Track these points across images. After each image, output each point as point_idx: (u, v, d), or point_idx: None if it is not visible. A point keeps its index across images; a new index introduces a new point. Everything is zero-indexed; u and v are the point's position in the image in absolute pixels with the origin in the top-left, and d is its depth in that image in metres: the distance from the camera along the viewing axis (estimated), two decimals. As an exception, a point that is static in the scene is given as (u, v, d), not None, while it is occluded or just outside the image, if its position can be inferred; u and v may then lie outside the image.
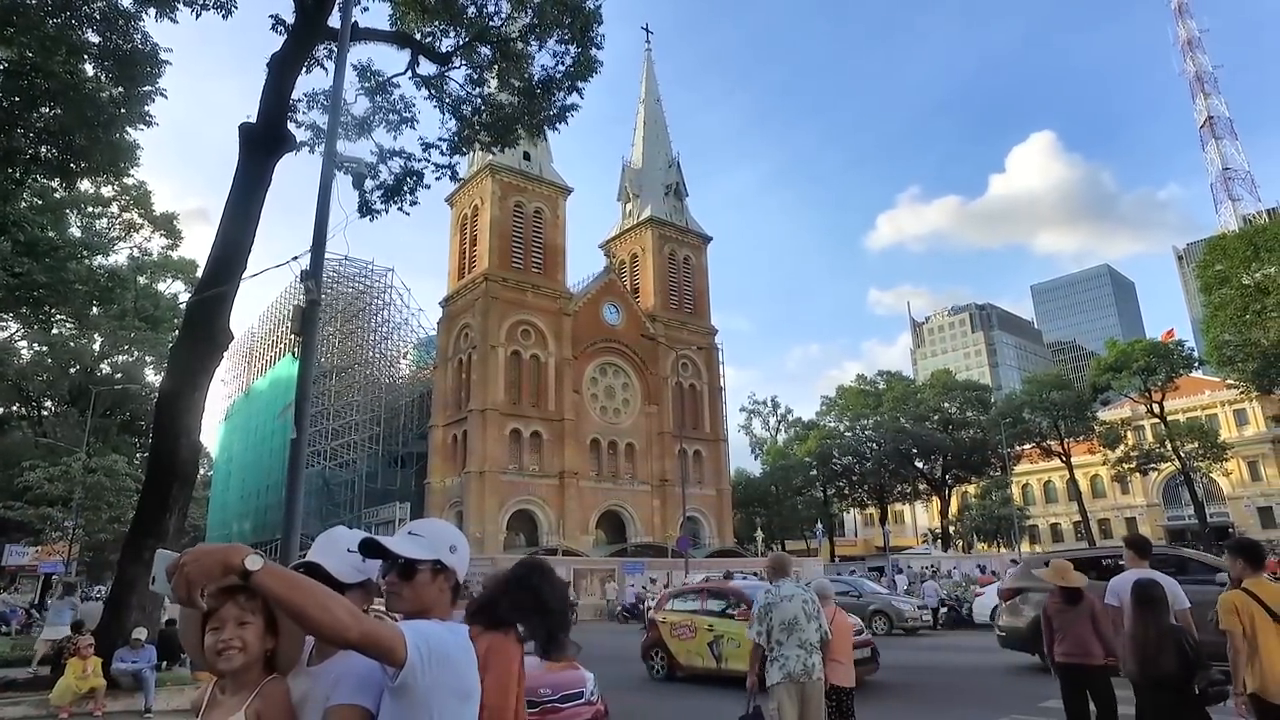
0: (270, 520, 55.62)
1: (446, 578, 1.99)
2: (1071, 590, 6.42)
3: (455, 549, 2.02)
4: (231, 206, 13.35)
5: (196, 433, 12.51)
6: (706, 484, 54.96)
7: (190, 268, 46.81)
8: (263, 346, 70.90)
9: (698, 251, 61.40)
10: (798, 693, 5.79)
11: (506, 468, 46.69)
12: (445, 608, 1.98)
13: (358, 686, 1.77)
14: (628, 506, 51.64)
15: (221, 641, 1.72)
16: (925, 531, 77.38)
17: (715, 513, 55.40)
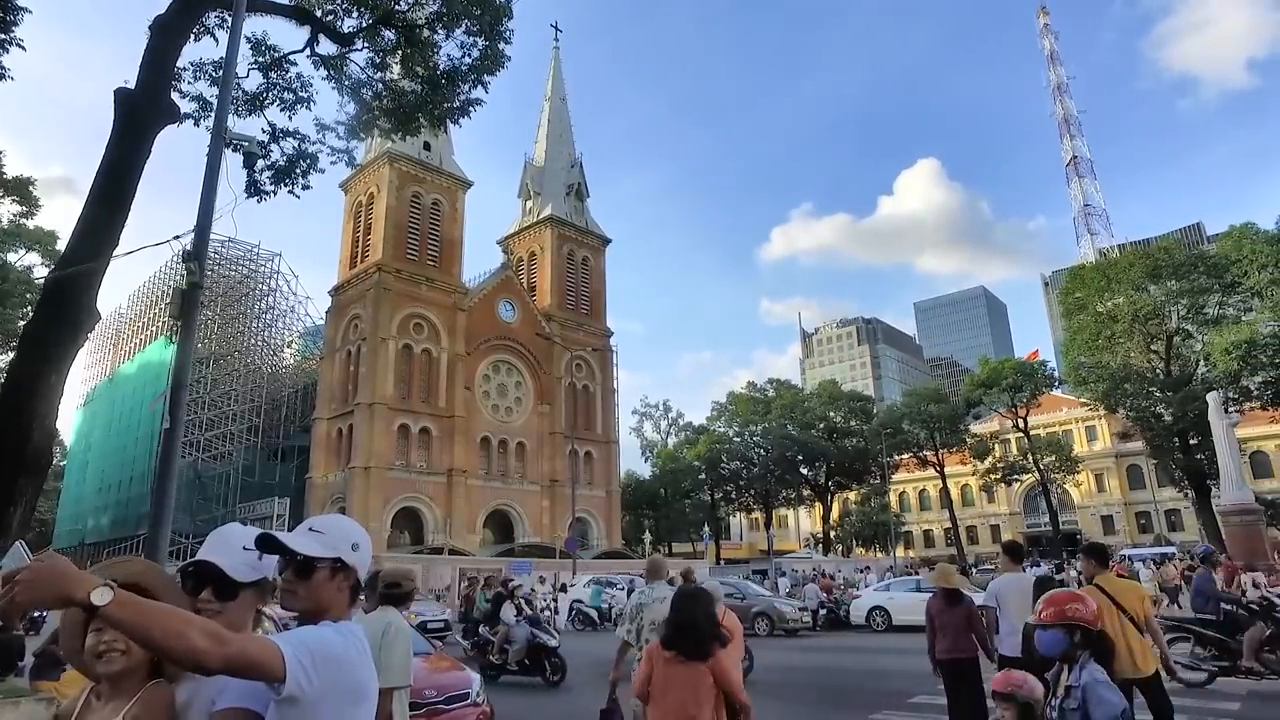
0: (131, 514, 52.04)
1: (346, 576, 1.91)
2: (952, 592, 6.89)
3: (358, 547, 1.95)
4: (103, 177, 12.41)
5: (52, 420, 11.55)
6: (596, 485, 55.05)
7: (49, 239, 43.33)
8: (131, 329, 66.41)
9: (596, 253, 61.49)
10: None
11: (393, 464, 45.41)
12: (343, 607, 1.91)
13: (245, 690, 1.70)
14: (516, 506, 51.13)
15: (103, 643, 1.63)
16: (808, 536, 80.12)
17: (604, 514, 55.56)
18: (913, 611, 20.13)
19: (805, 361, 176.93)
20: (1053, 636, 3.30)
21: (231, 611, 1.82)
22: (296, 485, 47.76)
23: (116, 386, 63.56)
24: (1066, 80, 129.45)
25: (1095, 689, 3.05)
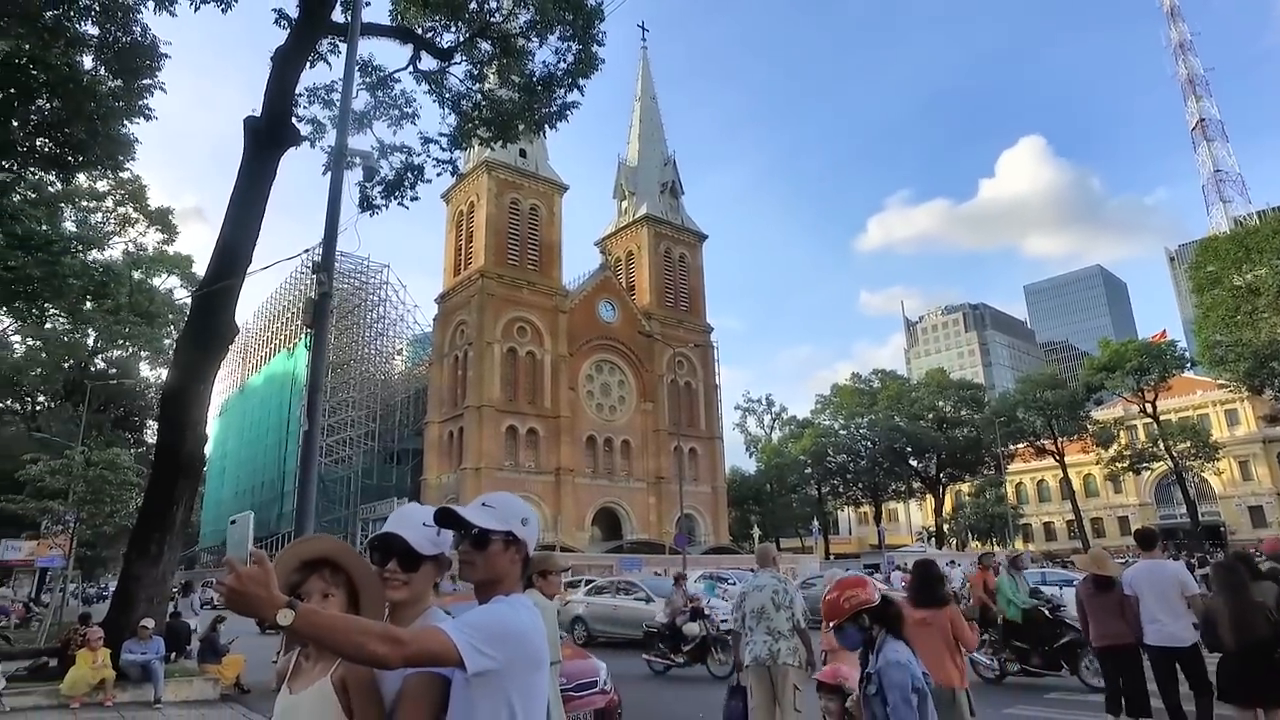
0: (265, 516, 55.44)
1: (518, 550, 2.00)
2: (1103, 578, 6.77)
3: (527, 522, 2.03)
4: (237, 200, 13.34)
5: (202, 426, 12.52)
6: (702, 481, 55.07)
7: (186, 263, 46.60)
8: (257, 343, 70.75)
9: (693, 249, 61.47)
10: (765, 675, 6.16)
11: (502, 464, 46.69)
12: (515, 579, 2.00)
13: None
14: (623, 504, 51.71)
15: None
16: (920, 529, 77.75)
17: (711, 510, 55.53)
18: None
19: (910, 351, 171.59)
20: (848, 634, 3.28)
21: (415, 582, 1.96)
22: (412, 486, 49.78)
23: (246, 397, 67.90)
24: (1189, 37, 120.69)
25: (886, 672, 3.08)
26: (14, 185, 25.65)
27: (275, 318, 67.49)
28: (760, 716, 6.22)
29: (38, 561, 22.29)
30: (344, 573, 1.88)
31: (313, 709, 1.79)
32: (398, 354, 61.25)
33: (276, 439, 57.14)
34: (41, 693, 9.48)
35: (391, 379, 59.37)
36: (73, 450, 25.32)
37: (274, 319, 67.83)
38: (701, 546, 48.69)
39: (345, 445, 52.15)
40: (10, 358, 41.65)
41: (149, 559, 11.44)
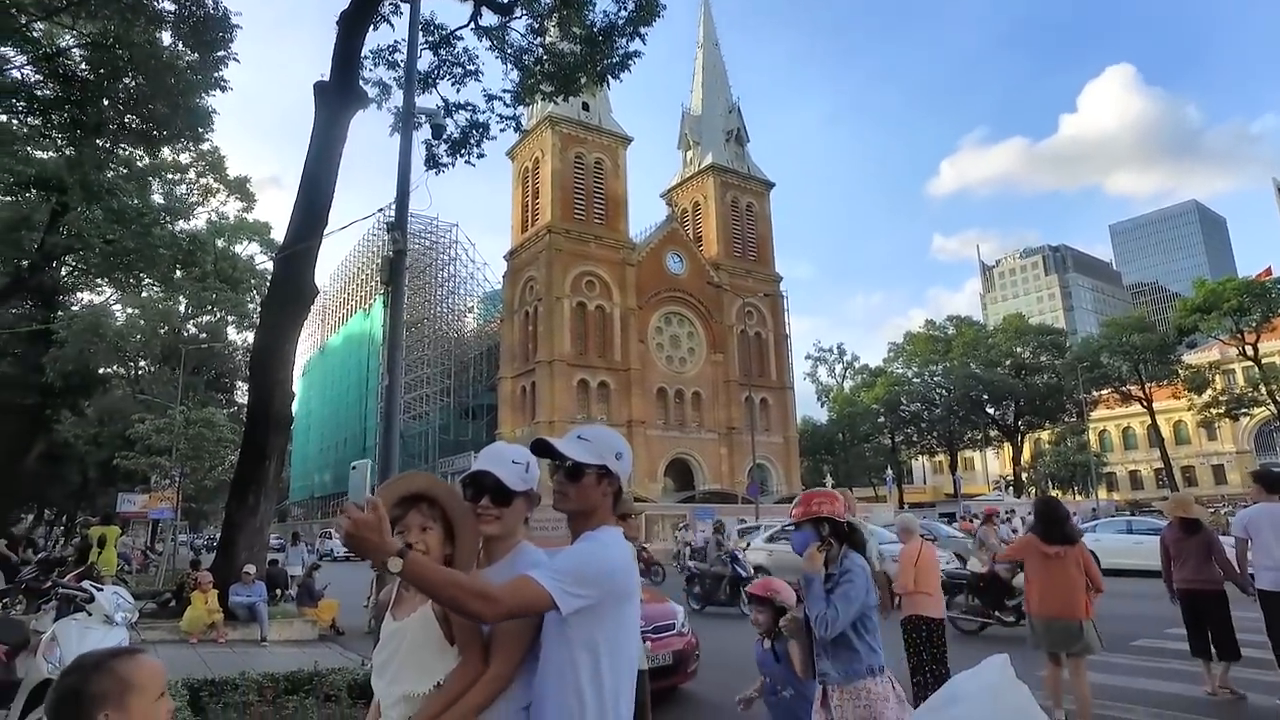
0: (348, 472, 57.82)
1: (610, 483, 2.06)
2: (1190, 521, 6.67)
3: (620, 456, 2.08)
4: (311, 164, 13.72)
5: (289, 384, 13.11)
6: (773, 431, 54.98)
7: (265, 230, 48.21)
8: (334, 305, 72.96)
9: (760, 198, 60.48)
10: None
11: (575, 417, 47.42)
12: (607, 511, 2.07)
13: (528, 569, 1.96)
14: (695, 454, 52.09)
15: (407, 544, 1.92)
16: (997, 478, 76.15)
17: (783, 460, 55.50)
18: (1123, 555, 18.81)
19: (986, 296, 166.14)
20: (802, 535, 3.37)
21: (506, 517, 2.07)
22: (487, 441, 50.80)
23: (326, 357, 70.35)
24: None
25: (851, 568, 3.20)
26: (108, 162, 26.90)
27: (351, 279, 69.43)
28: None
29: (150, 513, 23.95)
30: (440, 507, 1.99)
31: (416, 634, 1.93)
32: (469, 312, 62.40)
33: (357, 396, 59.21)
34: (165, 629, 10.32)
35: (464, 336, 60.64)
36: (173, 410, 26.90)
37: (350, 280, 69.79)
38: (773, 496, 48.77)
39: (422, 402, 53.72)
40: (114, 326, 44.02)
41: (247, 509, 12.15)
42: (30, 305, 37.27)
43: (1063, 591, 5.77)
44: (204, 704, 5.51)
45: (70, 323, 40.27)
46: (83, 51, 20.78)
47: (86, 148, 24.81)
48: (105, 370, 48.40)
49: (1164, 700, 6.72)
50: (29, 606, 11.71)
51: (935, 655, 6.39)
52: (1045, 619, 5.86)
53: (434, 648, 1.91)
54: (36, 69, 21.06)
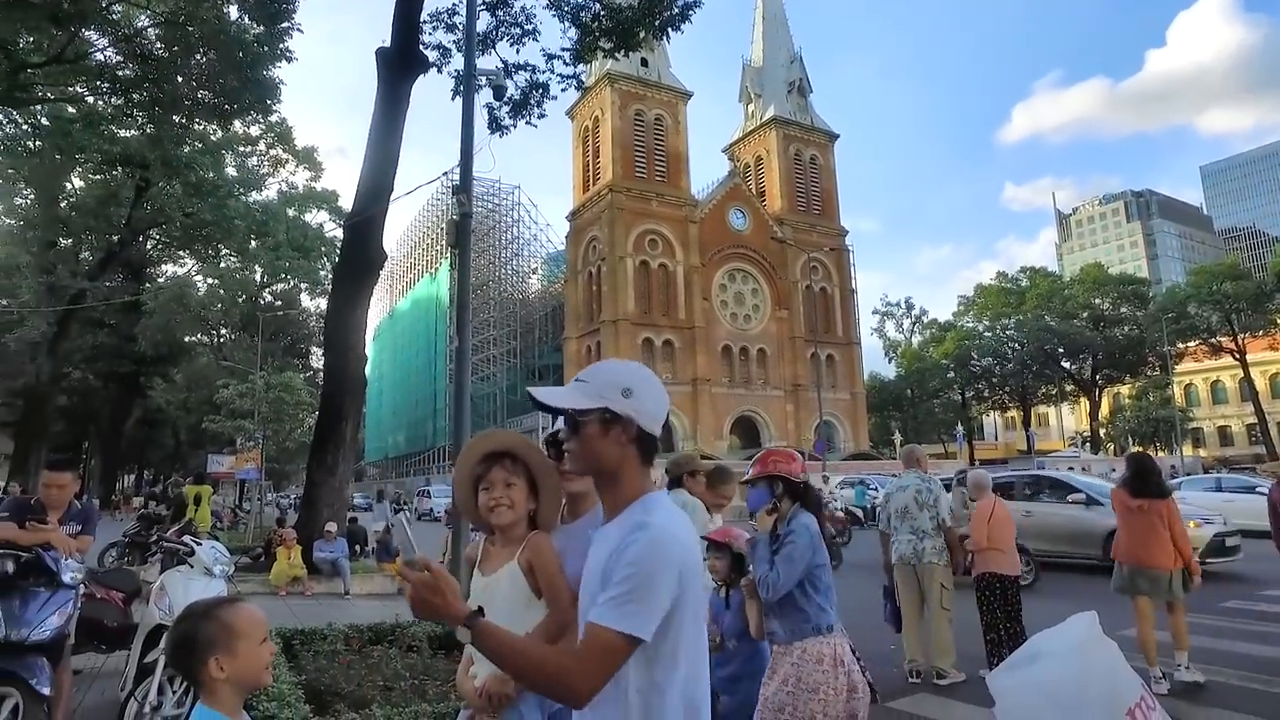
0: (420, 432, 59.53)
1: (623, 429, 1.59)
2: None
3: (630, 392, 1.60)
4: (375, 131, 13.90)
5: (362, 347, 13.48)
6: (840, 388, 54.39)
7: (333, 198, 49.35)
8: (401, 270, 74.40)
9: (824, 150, 59.06)
10: (911, 574, 6.31)
11: (639, 377, 47.66)
12: (632, 468, 1.61)
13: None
14: (761, 412, 51.94)
15: (492, 499, 1.99)
16: (1073, 434, 73.87)
17: (850, 417, 54.94)
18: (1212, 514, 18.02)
19: (1062, 246, 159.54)
20: (757, 493, 3.33)
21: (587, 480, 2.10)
22: (554, 401, 51.74)
23: (395, 322, 72.02)
24: None
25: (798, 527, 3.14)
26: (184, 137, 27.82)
27: (416, 244, 70.63)
28: (908, 616, 6.33)
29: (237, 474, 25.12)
30: (522, 463, 2.03)
31: (505, 588, 1.99)
32: (533, 273, 62.95)
33: (426, 360, 60.58)
34: (256, 581, 10.91)
35: (529, 298, 61.29)
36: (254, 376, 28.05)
37: (415, 246, 71.01)
38: (841, 453, 48.41)
39: (490, 364, 54.68)
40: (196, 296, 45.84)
41: (326, 469, 12.62)
42: (122, 278, 39.11)
43: (1147, 542, 5.99)
44: (296, 651, 5.81)
45: (157, 294, 42.13)
46: (157, 30, 21.43)
47: (165, 124, 25.69)
48: (190, 339, 50.63)
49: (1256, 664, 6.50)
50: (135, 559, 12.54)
51: (1010, 613, 6.31)
52: (1131, 566, 6.10)
53: (522, 601, 1.97)
54: (117, 50, 21.83)
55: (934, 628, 6.16)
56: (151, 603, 4.93)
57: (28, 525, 4.39)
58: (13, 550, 4.27)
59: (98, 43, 21.89)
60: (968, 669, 6.10)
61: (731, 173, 55.83)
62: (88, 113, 27.42)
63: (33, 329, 34.33)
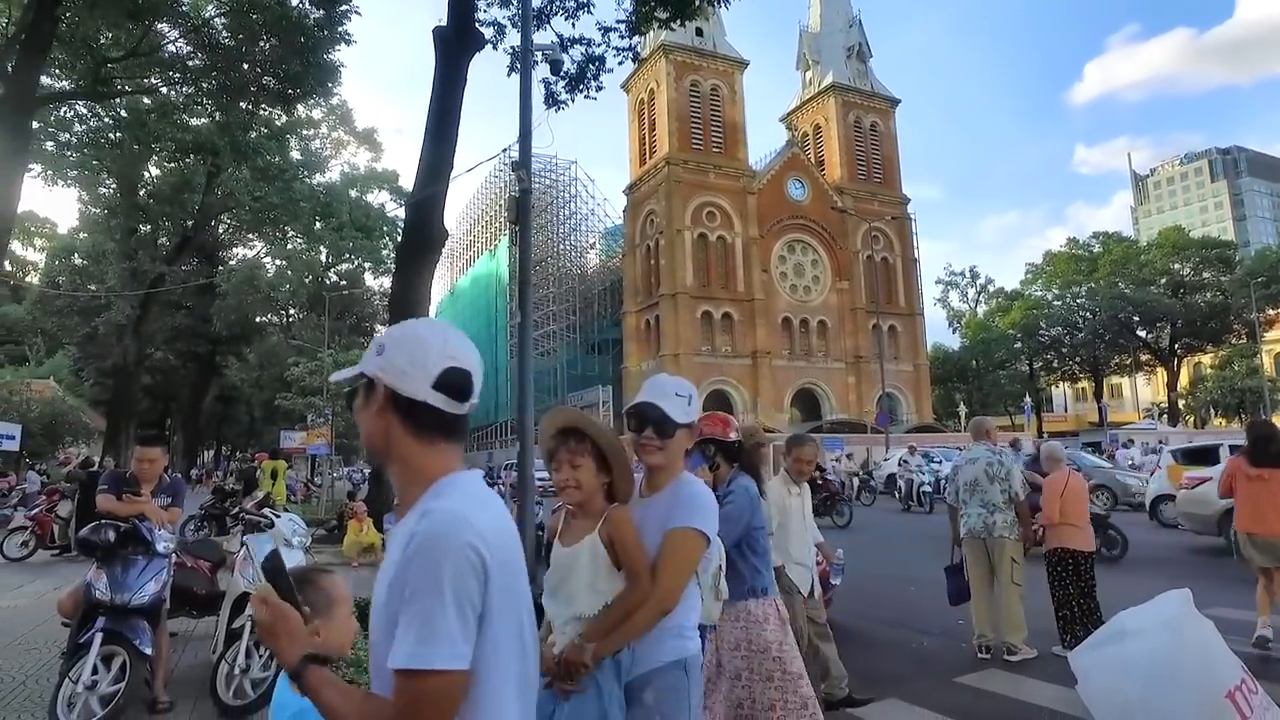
0: (483, 408, 60.44)
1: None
2: None
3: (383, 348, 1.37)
4: (434, 110, 14.04)
5: (424, 324, 13.72)
6: (903, 359, 53.43)
7: (393, 178, 50.22)
8: (460, 248, 75.32)
9: (885, 116, 57.54)
10: (981, 548, 6.18)
11: (699, 350, 47.62)
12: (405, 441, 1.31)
13: (691, 512, 2.01)
14: (822, 384, 51.40)
15: (560, 480, 2.02)
16: (1149, 406, 71.20)
17: (913, 388, 53.99)
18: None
19: (1138, 210, 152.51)
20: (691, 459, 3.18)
21: (669, 448, 2.13)
22: (614, 375, 52.11)
23: (456, 299, 73.04)
24: None
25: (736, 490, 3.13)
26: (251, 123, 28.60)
27: (475, 222, 71.37)
28: (978, 590, 6.22)
29: (308, 449, 25.94)
30: (590, 440, 2.05)
31: (585, 559, 2.02)
32: (590, 248, 63.09)
33: (487, 336, 61.37)
34: (329, 552, 11.34)
35: (587, 273, 61.50)
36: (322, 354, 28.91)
37: (474, 223, 71.76)
38: (904, 426, 47.63)
39: (549, 339, 55.14)
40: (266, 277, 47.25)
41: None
42: (196, 262, 40.56)
43: (1267, 510, 5.92)
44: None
45: (230, 276, 43.59)
46: (223, 20, 22.02)
47: (232, 111, 26.45)
48: (261, 319, 52.33)
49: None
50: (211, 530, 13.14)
51: (1083, 589, 6.16)
52: (1251, 536, 6.02)
53: (602, 571, 2.00)
54: (187, 40, 22.52)
55: (1004, 603, 6.03)
56: (236, 572, 5.17)
57: (124, 498, 4.64)
58: (113, 521, 4.54)
59: (169, 34, 22.60)
60: (1038, 645, 5.99)
61: (789, 142, 54.86)
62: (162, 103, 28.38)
63: (119, 312, 35.93)
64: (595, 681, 1.98)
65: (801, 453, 4.80)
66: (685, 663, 2.04)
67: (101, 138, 29.87)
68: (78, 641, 4.39)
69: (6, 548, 12.22)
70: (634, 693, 2.00)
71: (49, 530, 12.61)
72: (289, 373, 30.37)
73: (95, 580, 4.44)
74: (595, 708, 1.96)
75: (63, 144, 27.81)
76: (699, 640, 2.13)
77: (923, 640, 6.61)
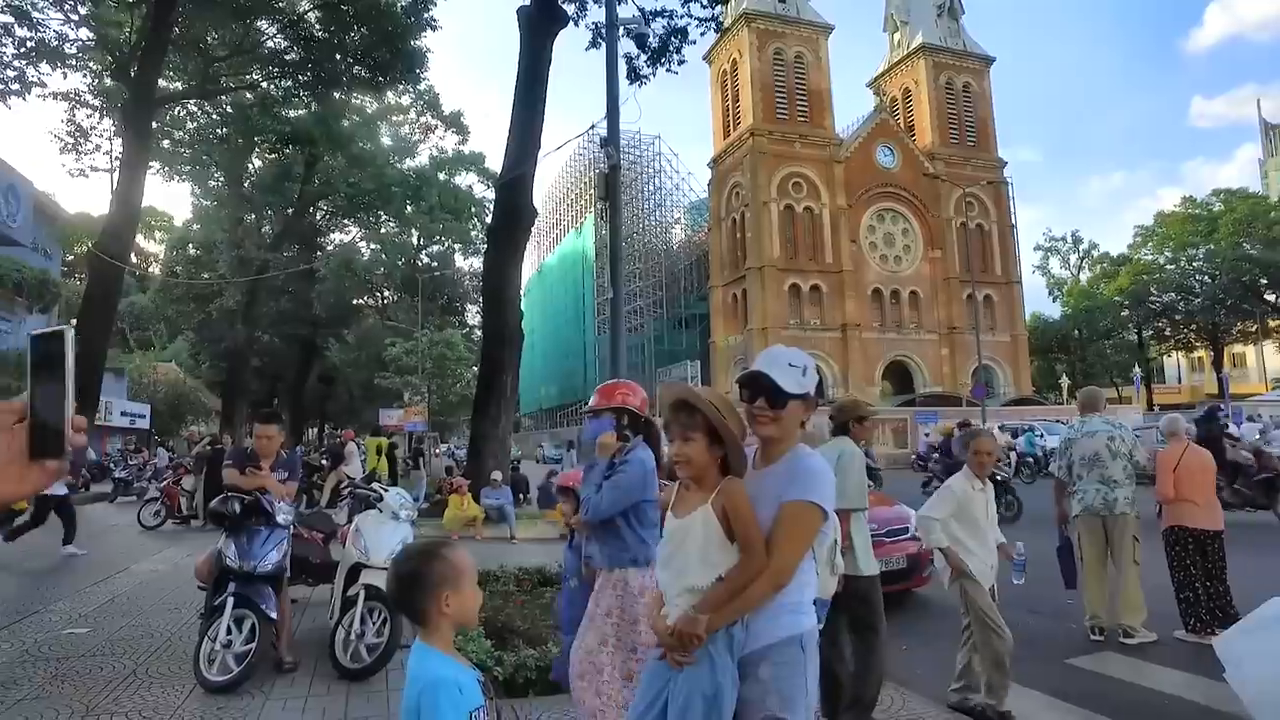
0: (570, 384, 61.47)
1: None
2: None
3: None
4: (521, 90, 14.19)
5: (518, 302, 14.00)
6: (999, 330, 51.43)
7: (479, 160, 51.07)
8: (546, 226, 76.19)
9: (979, 76, 55.00)
10: (1099, 526, 5.84)
11: (787, 323, 47.00)
12: None
13: (809, 485, 1.98)
14: (914, 356, 50.04)
15: (675, 457, 2.04)
16: (1277, 376, 66.43)
17: (1010, 360, 51.95)
18: None
19: (1267, 163, 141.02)
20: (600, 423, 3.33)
21: (783, 420, 2.10)
22: (701, 349, 52.02)
23: (544, 277, 74.13)
24: None
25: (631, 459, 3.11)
26: (344, 112, 29.63)
27: (560, 200, 72.04)
28: (1091, 570, 5.91)
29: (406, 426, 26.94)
30: (700, 414, 2.03)
31: (698, 530, 2.01)
32: (675, 223, 62.89)
33: (575, 313, 62.19)
34: (430, 526, 11.73)
35: (672, 248, 61.38)
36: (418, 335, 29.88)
37: (559, 202, 72.44)
38: (1001, 399, 45.92)
39: (636, 315, 55.36)
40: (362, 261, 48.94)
41: (490, 420, 13.30)
42: (297, 248, 42.34)
43: None
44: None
45: (328, 261, 45.37)
46: (316, 14, 22.83)
47: (327, 101, 27.48)
48: (358, 301, 54.35)
49: None
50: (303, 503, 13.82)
51: (1211, 571, 5.77)
52: None
53: (716, 543, 1.99)
54: (284, 36, 23.47)
55: (1123, 583, 5.71)
56: (349, 544, 5.41)
57: (247, 472, 4.93)
58: (238, 494, 4.85)
59: (268, 31, 23.59)
60: (1157, 628, 5.71)
61: (877, 108, 53.11)
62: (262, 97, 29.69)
63: (229, 298, 37.91)
64: (709, 653, 1.98)
65: (980, 444, 4.42)
66: (801, 639, 2.01)
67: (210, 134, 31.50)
68: (213, 604, 4.79)
69: (143, 517, 13.30)
70: (749, 667, 1.99)
71: (176, 501, 13.61)
72: (386, 353, 31.53)
73: (225, 548, 4.78)
74: (708, 679, 1.96)
75: (177, 141, 29.46)
76: (814, 616, 2.10)
77: (1029, 620, 6.38)
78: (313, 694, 4.50)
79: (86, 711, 4.18)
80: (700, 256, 56.16)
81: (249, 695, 4.41)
